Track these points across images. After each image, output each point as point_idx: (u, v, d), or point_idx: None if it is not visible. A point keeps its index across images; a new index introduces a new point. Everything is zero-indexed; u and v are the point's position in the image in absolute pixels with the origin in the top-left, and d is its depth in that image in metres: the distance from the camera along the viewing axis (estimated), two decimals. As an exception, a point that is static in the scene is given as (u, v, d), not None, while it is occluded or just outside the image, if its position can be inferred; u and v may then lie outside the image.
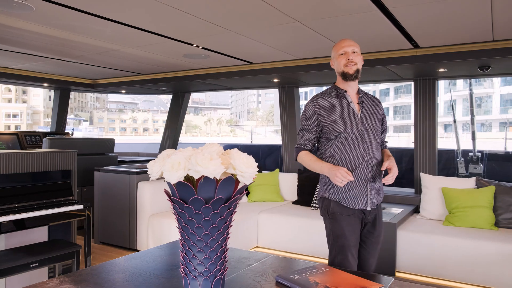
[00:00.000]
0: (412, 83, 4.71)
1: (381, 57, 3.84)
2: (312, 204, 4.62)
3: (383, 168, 2.18)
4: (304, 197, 4.81)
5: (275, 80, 5.06)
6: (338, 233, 2.22)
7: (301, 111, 2.41)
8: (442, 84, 29.17)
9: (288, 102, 5.51)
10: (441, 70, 4.06)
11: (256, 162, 1.27)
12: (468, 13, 2.67)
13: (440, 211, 4.06)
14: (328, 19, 2.87)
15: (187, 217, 1.20)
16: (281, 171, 5.51)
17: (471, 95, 5.92)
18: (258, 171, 5.13)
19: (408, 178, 5.34)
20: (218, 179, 1.19)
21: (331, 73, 4.49)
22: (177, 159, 1.18)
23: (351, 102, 2.26)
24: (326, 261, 4.08)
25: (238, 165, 1.20)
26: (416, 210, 4.36)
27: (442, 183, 4.12)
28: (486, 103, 33.04)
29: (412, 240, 3.62)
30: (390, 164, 2.17)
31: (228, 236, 1.30)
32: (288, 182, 5.17)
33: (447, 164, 6.16)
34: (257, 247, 4.47)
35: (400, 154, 5.82)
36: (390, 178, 2.13)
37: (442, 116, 28.05)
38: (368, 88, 42.02)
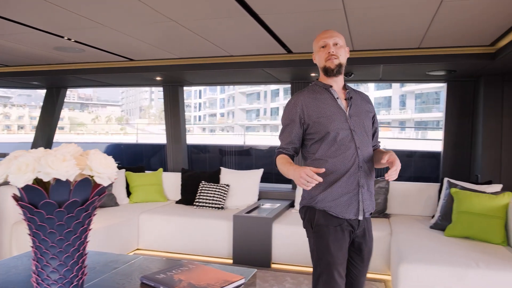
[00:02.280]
0: (290, 85, 5.04)
1: (258, 60, 4.04)
2: (194, 203, 4.65)
3: (383, 161, 1.88)
4: (188, 196, 4.82)
5: (158, 78, 4.97)
6: (323, 249, 1.94)
7: (182, 110, 2.27)
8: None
9: (172, 101, 5.45)
10: (313, 74, 4.42)
11: (140, 161, 1.24)
12: (327, 25, 2.96)
13: (312, 204, 4.42)
14: (202, 21, 2.92)
15: (38, 223, 1.13)
16: (165, 170, 5.44)
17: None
18: (140, 171, 4.94)
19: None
20: (73, 181, 1.15)
21: (216, 74, 4.56)
22: (25, 161, 1.10)
23: (337, 98, 2.02)
24: (209, 259, 4.20)
25: (95, 166, 1.17)
26: (292, 205, 4.68)
27: (314, 178, 4.49)
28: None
29: (286, 233, 3.89)
30: (391, 157, 1.87)
31: (87, 240, 1.26)
32: (172, 182, 5.12)
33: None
34: (137, 249, 4.35)
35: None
36: (393, 173, 1.84)
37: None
38: (259, 88, 43.63)
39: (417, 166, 5.54)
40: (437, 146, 4.91)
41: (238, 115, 47.30)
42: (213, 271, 1.66)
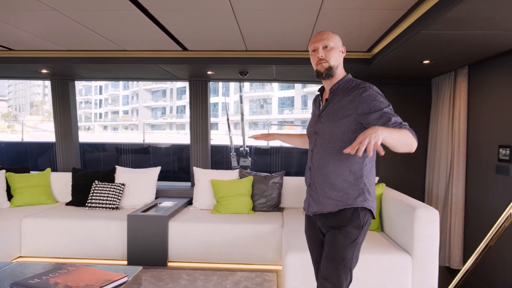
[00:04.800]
0: (188, 83, 5.02)
1: (153, 56, 3.96)
2: (87, 204, 4.40)
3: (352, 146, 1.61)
4: (79, 197, 4.54)
5: (44, 71, 4.59)
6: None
7: (74, 106, 2.12)
8: (232, 85, 32.14)
9: (62, 96, 5.07)
10: (210, 72, 4.46)
11: (25, 161, 1.13)
12: (219, 24, 3.02)
13: (209, 201, 4.47)
14: (89, 12, 2.78)
15: None
16: (54, 170, 5.06)
17: (240, 97, 6.70)
18: (25, 172, 4.53)
19: (187, 172, 5.67)
20: None
21: (109, 68, 4.35)
22: None
23: (320, 100, 2.14)
24: (103, 262, 4.00)
25: None
26: (191, 202, 4.68)
27: (212, 175, 4.54)
28: (268, 105, 37.96)
29: (183, 230, 3.88)
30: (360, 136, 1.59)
31: None
32: (61, 182, 4.78)
33: (226, 158, 6.77)
34: (20, 257, 3.98)
35: (180, 150, 6.13)
36: (349, 148, 1.62)
37: (232, 115, 30.82)
38: (165, 85, 42.55)
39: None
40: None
41: (143, 113, 45.67)
42: (94, 272, 1.61)
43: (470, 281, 3.33)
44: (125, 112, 49.05)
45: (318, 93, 2.19)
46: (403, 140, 1.69)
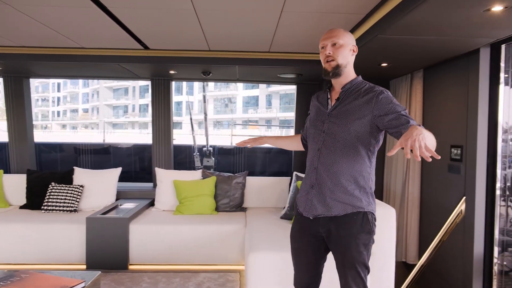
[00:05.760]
0: (150, 82, 4.94)
1: (113, 54, 3.86)
2: (42, 207, 4.23)
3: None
4: (34, 200, 4.36)
5: (-5, 67, 4.38)
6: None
7: (28, 104, 2.04)
8: (196, 84, 31.80)
9: (15, 94, 4.85)
10: (172, 72, 4.41)
11: None
12: (181, 24, 2.99)
13: (172, 202, 4.42)
14: (43, 8, 2.68)
15: None
16: (7, 172, 4.83)
17: (204, 96, 6.65)
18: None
19: (150, 173, 5.57)
20: None
21: (67, 66, 4.19)
22: None
23: (329, 98, 2.05)
24: (60, 267, 3.86)
25: None
26: (152, 203, 4.60)
27: (174, 176, 4.49)
28: (233, 104, 37.90)
29: (144, 232, 3.81)
30: (402, 142, 1.49)
31: None
32: (15, 185, 4.56)
33: (189, 158, 6.70)
34: (-31, 264, 3.78)
35: (142, 150, 6.01)
36: (411, 151, 1.46)
37: (197, 114, 30.57)
38: (127, 83, 41.53)
39: (274, 162, 5.96)
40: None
41: (104, 111, 44.38)
42: (49, 278, 1.56)
43: (425, 275, 3.48)
44: (85, 110, 47.50)
45: (328, 90, 2.09)
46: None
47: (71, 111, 49.17)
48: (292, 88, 5.19)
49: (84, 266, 3.75)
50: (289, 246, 2.18)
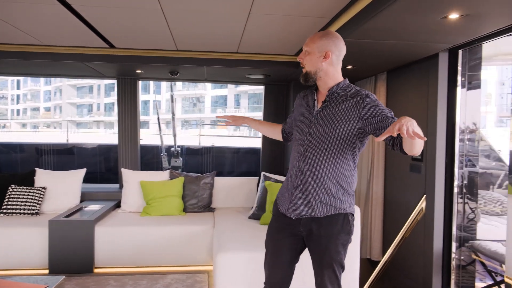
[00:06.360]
0: (116, 81, 4.84)
1: (77, 52, 3.76)
2: (1, 211, 4.06)
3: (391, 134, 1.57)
4: (-7, 203, 4.19)
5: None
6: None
7: None
8: (164, 83, 31.37)
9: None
10: (139, 71, 4.34)
11: None
12: (148, 23, 2.95)
13: (139, 203, 4.36)
14: (1, 3, 2.58)
15: None
16: (-37, 174, 4.61)
17: (171, 96, 6.59)
18: None
19: (116, 173, 5.47)
20: None
21: (28, 64, 4.04)
22: None
23: (315, 100, 2.06)
24: (21, 272, 3.72)
25: None
26: (119, 205, 4.52)
27: (141, 177, 4.43)
28: (201, 103, 37.62)
29: (110, 235, 3.74)
30: (392, 128, 1.53)
31: None
32: (-28, 187, 4.37)
33: (157, 158, 6.61)
34: None
35: (108, 150, 5.89)
36: (385, 134, 1.59)
37: (164, 114, 30.14)
38: (92, 81, 40.38)
39: (243, 162, 5.98)
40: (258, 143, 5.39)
41: (67, 110, 42.98)
42: (9, 285, 1.52)
43: (389, 271, 3.61)
44: (47, 109, 45.80)
45: (314, 91, 2.10)
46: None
47: (32, 109, 47.29)
48: (260, 88, 5.23)
49: (47, 271, 3.64)
50: (257, 246, 2.21)
